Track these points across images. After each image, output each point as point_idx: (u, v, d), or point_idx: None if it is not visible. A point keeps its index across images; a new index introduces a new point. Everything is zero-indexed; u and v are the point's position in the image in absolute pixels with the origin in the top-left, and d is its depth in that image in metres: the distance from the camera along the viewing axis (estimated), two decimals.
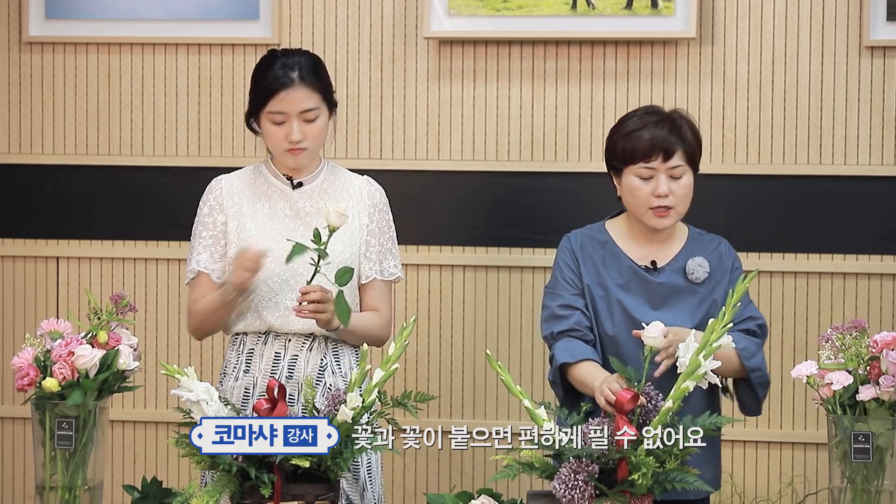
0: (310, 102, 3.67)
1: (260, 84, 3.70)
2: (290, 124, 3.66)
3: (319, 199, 3.74)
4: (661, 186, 3.55)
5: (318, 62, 3.76)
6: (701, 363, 3.10)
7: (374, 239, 3.76)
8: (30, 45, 4.83)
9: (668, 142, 3.56)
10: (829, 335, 3.25)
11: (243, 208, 3.74)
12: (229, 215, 3.74)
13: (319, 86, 3.69)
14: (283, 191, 3.75)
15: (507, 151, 4.66)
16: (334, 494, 3.16)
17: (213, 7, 4.74)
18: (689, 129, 3.60)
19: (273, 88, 3.66)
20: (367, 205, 3.77)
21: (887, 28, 4.47)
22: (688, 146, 3.58)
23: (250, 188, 3.76)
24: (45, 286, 4.86)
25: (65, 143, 4.84)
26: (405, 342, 3.20)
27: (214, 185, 3.80)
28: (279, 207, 3.74)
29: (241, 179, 3.80)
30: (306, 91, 3.66)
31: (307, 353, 3.69)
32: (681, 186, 3.58)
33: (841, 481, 3.18)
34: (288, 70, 3.67)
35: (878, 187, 4.51)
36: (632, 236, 3.65)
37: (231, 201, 3.75)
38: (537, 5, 4.57)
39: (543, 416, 3.16)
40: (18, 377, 3.27)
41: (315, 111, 3.68)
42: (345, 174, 3.82)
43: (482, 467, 4.66)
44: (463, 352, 4.70)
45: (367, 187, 3.80)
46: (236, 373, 3.73)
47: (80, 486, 3.27)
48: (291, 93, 3.65)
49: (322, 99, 3.69)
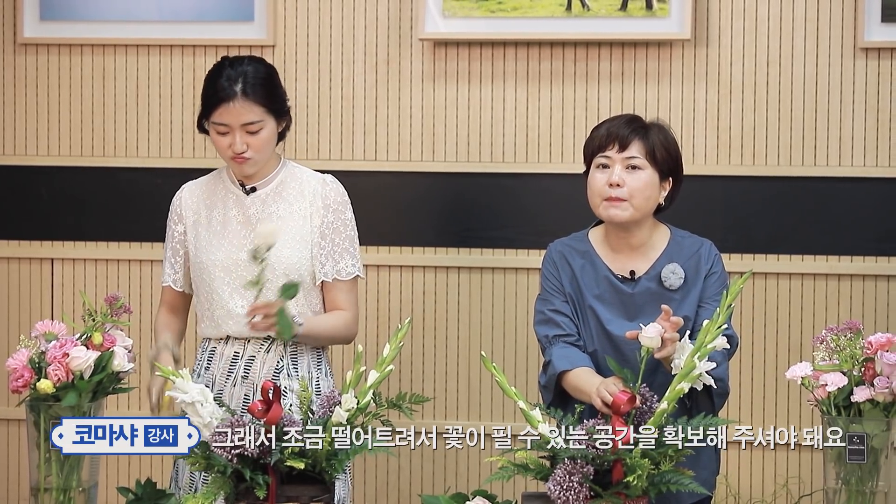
0: (251, 116, 3.69)
1: (206, 93, 3.74)
2: (233, 135, 3.69)
3: (272, 204, 3.77)
4: (614, 175, 3.56)
5: (267, 73, 3.76)
6: (696, 365, 3.10)
7: (325, 241, 3.77)
8: (24, 47, 4.83)
9: (623, 132, 3.58)
10: (824, 336, 3.25)
11: (201, 217, 3.82)
12: (188, 225, 3.83)
13: (264, 99, 3.70)
14: (237, 197, 3.80)
15: (501, 153, 4.66)
16: (329, 496, 3.16)
17: (208, 8, 4.74)
18: (659, 133, 3.61)
19: (215, 100, 3.70)
20: (319, 206, 3.78)
21: (881, 30, 4.47)
22: (650, 144, 3.58)
23: (210, 195, 3.83)
24: (39, 288, 4.86)
25: (59, 145, 4.84)
26: (400, 344, 3.20)
27: (177, 196, 3.89)
28: (232, 215, 3.79)
29: (202, 186, 3.86)
30: (248, 104, 3.68)
31: (264, 354, 3.76)
32: (637, 179, 3.57)
33: (836, 483, 3.18)
34: (231, 82, 3.69)
35: (872, 189, 4.51)
36: (611, 245, 3.65)
37: (190, 210, 3.83)
38: (532, 7, 4.57)
39: (538, 418, 3.16)
40: (13, 379, 3.27)
41: (257, 124, 3.69)
42: (302, 174, 3.83)
43: (477, 469, 4.66)
44: (457, 353, 4.70)
45: (321, 188, 3.80)
46: (199, 370, 3.83)
47: (75, 488, 3.27)
48: (233, 106, 3.68)
49: (266, 111, 3.70)
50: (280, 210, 3.76)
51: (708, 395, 3.46)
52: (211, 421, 3.13)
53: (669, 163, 3.60)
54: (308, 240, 3.77)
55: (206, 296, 3.79)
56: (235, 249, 3.75)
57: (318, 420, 3.18)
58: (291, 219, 3.76)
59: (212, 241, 3.77)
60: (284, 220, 3.75)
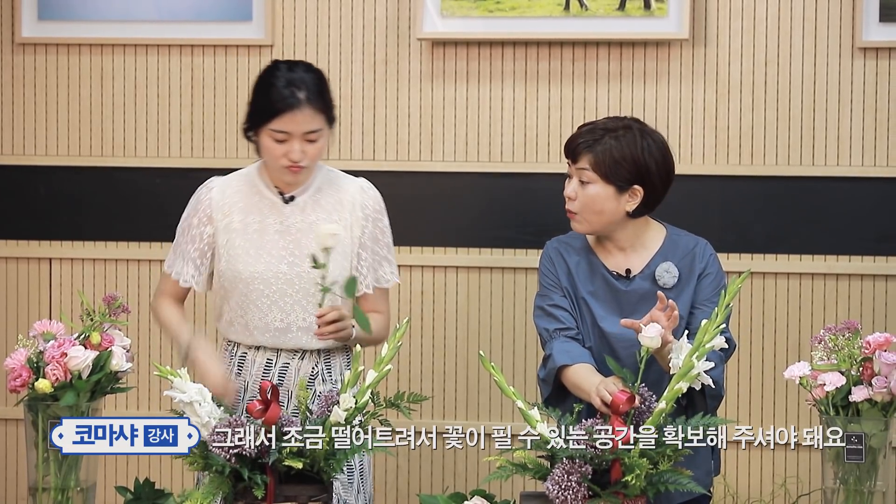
0: (315, 124, 3.61)
1: (263, 100, 3.63)
2: (292, 144, 3.60)
3: (311, 213, 3.70)
4: (568, 188, 3.62)
5: (324, 79, 3.70)
6: (694, 364, 3.10)
7: (365, 252, 3.73)
8: (22, 47, 4.83)
9: (572, 144, 3.60)
10: (822, 336, 3.25)
11: (234, 221, 3.71)
12: (218, 228, 3.72)
13: (324, 107, 3.64)
14: (274, 204, 3.71)
15: (500, 152, 4.66)
16: (327, 496, 3.16)
17: (206, 8, 4.74)
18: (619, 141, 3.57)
19: (279, 108, 3.59)
20: (359, 217, 3.73)
21: (880, 29, 4.47)
22: (599, 157, 3.56)
23: (243, 198, 3.73)
24: (37, 287, 4.86)
25: (57, 145, 4.84)
26: (398, 343, 3.20)
27: (204, 194, 3.76)
28: (269, 223, 3.70)
29: (234, 188, 3.75)
30: (312, 113, 3.61)
31: (298, 361, 3.70)
32: (585, 195, 3.60)
33: (834, 482, 3.18)
34: (295, 90, 3.60)
35: (871, 188, 4.51)
36: (605, 245, 3.67)
37: (221, 213, 3.72)
38: (530, 6, 4.57)
39: (537, 417, 3.16)
40: (11, 378, 3.27)
41: (318, 132, 3.62)
42: (339, 181, 3.77)
43: (475, 468, 4.66)
44: (456, 353, 4.70)
45: (360, 197, 3.75)
46: (229, 373, 3.73)
47: (73, 488, 3.27)
48: (298, 114, 3.59)
49: (325, 119, 3.64)
50: (319, 220, 3.69)
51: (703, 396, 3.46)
52: (209, 420, 3.13)
53: (627, 172, 3.57)
54: (348, 251, 3.71)
55: (240, 305, 3.71)
56: (275, 261, 3.67)
57: (317, 420, 3.17)
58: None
59: (249, 251, 3.68)
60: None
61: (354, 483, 3.69)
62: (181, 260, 3.75)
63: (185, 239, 3.75)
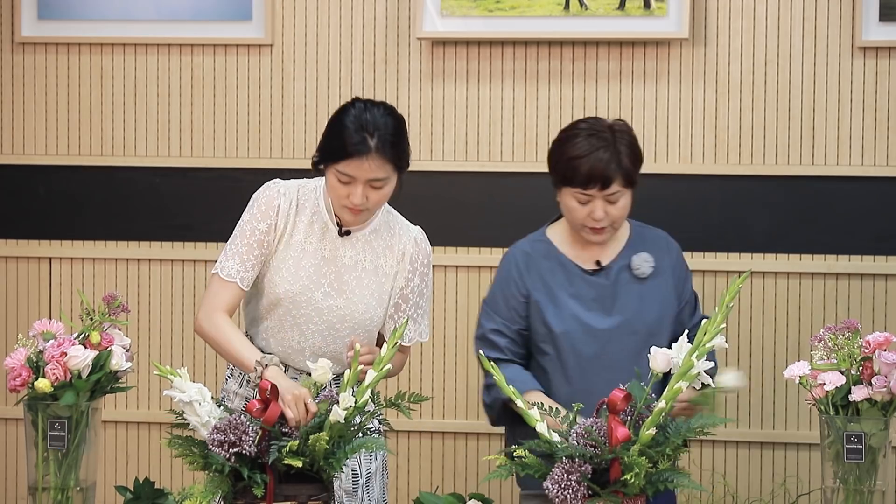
0: (381, 173, 3.50)
1: (334, 140, 3.52)
2: (356, 187, 3.50)
3: (361, 252, 3.64)
4: (597, 212, 3.65)
5: (400, 127, 3.56)
6: (693, 363, 3.10)
7: (407, 304, 3.68)
8: (22, 46, 4.83)
9: (606, 173, 3.61)
10: (822, 336, 3.25)
11: (294, 237, 3.63)
12: (278, 236, 3.62)
13: (394, 156, 3.51)
14: (331, 233, 3.63)
15: (499, 152, 4.66)
16: (327, 495, 3.16)
17: (206, 8, 4.74)
18: (629, 150, 3.65)
19: (346, 153, 3.48)
20: (406, 268, 3.67)
21: (880, 29, 4.47)
22: (625, 171, 3.62)
23: (308, 217, 3.63)
24: (37, 287, 4.86)
25: (57, 144, 4.84)
26: (397, 343, 3.20)
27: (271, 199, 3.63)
28: (321, 247, 3.62)
29: (300, 201, 3.64)
30: (380, 161, 3.48)
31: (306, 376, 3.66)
32: (617, 209, 3.66)
33: (833, 482, 3.18)
34: (367, 136, 3.47)
35: (870, 188, 4.51)
36: (574, 240, 3.75)
37: (284, 224, 3.62)
38: (530, 6, 4.57)
39: (536, 417, 3.16)
40: (11, 378, 3.27)
41: (383, 181, 3.52)
42: (397, 226, 3.70)
43: (475, 468, 4.66)
44: (455, 352, 4.70)
45: (411, 249, 3.68)
46: (241, 379, 3.72)
47: (73, 487, 3.27)
48: (365, 162, 3.47)
49: (394, 168, 3.53)
50: (366, 261, 3.64)
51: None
52: (209, 420, 3.13)
53: (637, 174, 3.68)
54: (386, 298, 3.66)
55: (266, 311, 3.65)
56: (313, 287, 3.60)
57: (317, 419, 3.17)
58: (374, 273, 3.65)
59: (292, 269, 3.61)
60: (367, 273, 3.63)
61: (359, 490, 3.67)
62: (239, 262, 3.60)
63: (248, 242, 3.61)
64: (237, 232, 3.63)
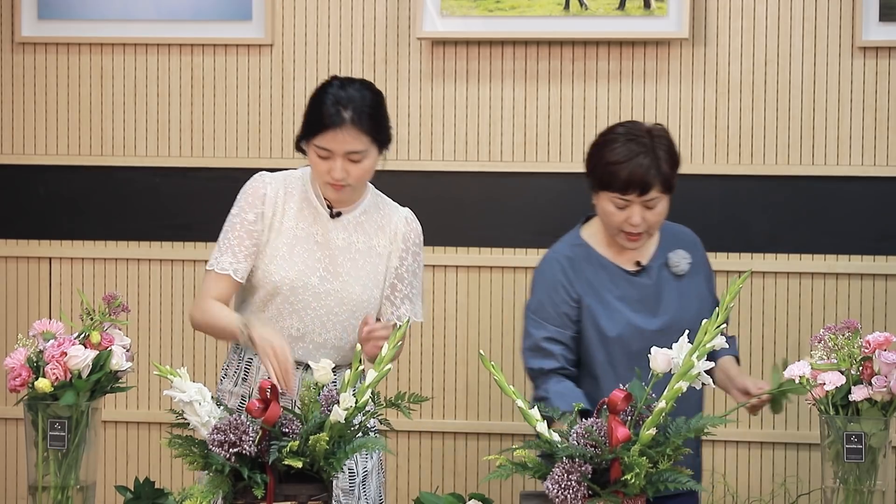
0: (357, 145, 3.55)
1: (312, 115, 3.59)
2: (335, 161, 3.56)
3: (353, 233, 3.67)
4: (635, 217, 3.62)
5: (377, 100, 3.62)
6: (694, 363, 3.10)
7: (402, 283, 3.71)
8: (22, 46, 4.83)
9: (645, 179, 3.58)
10: (822, 335, 3.25)
11: (283, 225, 3.67)
12: (267, 225, 3.66)
13: (371, 128, 3.56)
14: (321, 215, 3.67)
15: (499, 152, 4.66)
16: (327, 495, 3.16)
17: (206, 7, 4.74)
18: (667, 155, 3.63)
19: (322, 126, 3.54)
20: (399, 248, 3.71)
21: (880, 29, 4.47)
22: (664, 177, 3.60)
23: (296, 203, 3.67)
24: (37, 287, 4.86)
25: (57, 144, 4.84)
26: (398, 343, 3.19)
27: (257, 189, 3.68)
28: (313, 231, 3.66)
29: (287, 189, 3.69)
30: (355, 133, 3.54)
31: (301, 372, 3.69)
32: (655, 214, 3.64)
33: (833, 482, 3.18)
34: (340, 108, 3.53)
35: (870, 188, 4.51)
36: (610, 241, 3.74)
37: (272, 212, 3.66)
38: (530, 6, 4.57)
39: (537, 417, 3.16)
40: (11, 378, 3.26)
41: (361, 153, 3.56)
42: (386, 206, 3.74)
43: (475, 468, 4.65)
44: (456, 352, 4.70)
45: (403, 228, 3.72)
46: (236, 378, 3.73)
47: (73, 487, 3.26)
48: (340, 133, 3.53)
49: (372, 141, 3.57)
50: (359, 242, 3.67)
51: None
52: (209, 420, 3.13)
53: (675, 179, 3.65)
54: (381, 279, 3.69)
55: (263, 302, 3.67)
56: (308, 272, 3.64)
57: (317, 419, 3.17)
58: (369, 254, 3.68)
59: (286, 256, 3.64)
60: (361, 254, 3.67)
61: (356, 489, 3.68)
62: (231, 255, 3.64)
63: (238, 234, 3.65)
64: (227, 227, 3.67)
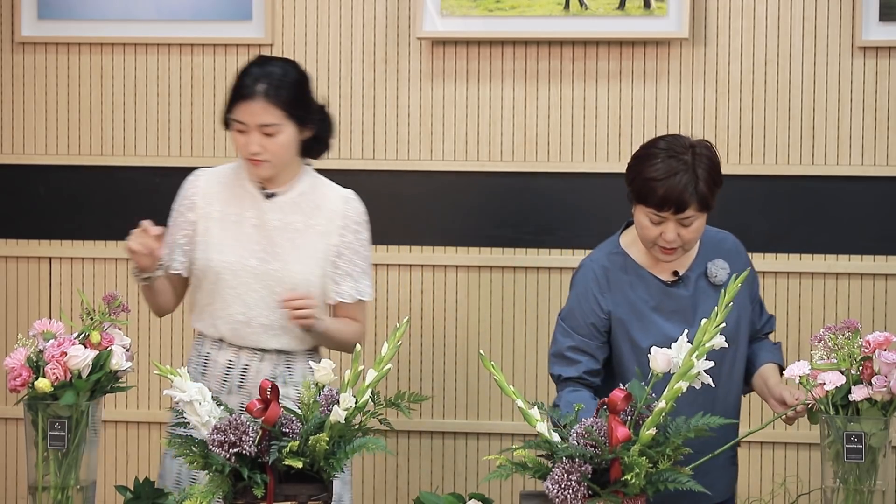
0: (268, 118, 3.62)
1: (232, 88, 3.69)
2: (251, 135, 3.64)
3: (290, 213, 3.72)
4: (669, 234, 3.55)
5: (297, 78, 3.70)
6: (693, 363, 3.10)
7: (342, 261, 3.75)
8: (22, 46, 4.83)
9: (682, 198, 3.51)
10: (822, 335, 3.25)
11: (213, 210, 3.75)
12: (199, 215, 3.76)
13: (285, 103, 3.63)
14: (255, 198, 3.74)
15: (499, 152, 4.66)
16: (327, 495, 3.16)
17: (206, 7, 4.74)
18: (707, 174, 3.54)
19: (237, 97, 3.65)
20: (338, 225, 3.74)
21: (880, 28, 4.47)
22: (701, 197, 3.52)
23: (226, 189, 3.76)
24: (37, 286, 4.86)
25: (57, 144, 4.84)
26: (398, 343, 3.19)
27: (191, 182, 3.81)
28: (247, 216, 3.73)
29: (219, 178, 3.79)
30: (267, 106, 3.62)
31: (258, 363, 3.72)
32: (690, 231, 3.57)
33: (833, 481, 3.18)
34: (255, 81, 3.63)
35: (871, 188, 4.51)
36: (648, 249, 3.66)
37: (205, 201, 3.76)
38: (530, 6, 4.57)
39: (536, 416, 3.16)
40: (11, 378, 3.26)
41: (274, 127, 3.63)
42: (324, 187, 3.78)
43: (475, 468, 4.65)
44: (456, 352, 4.70)
45: (341, 206, 3.76)
46: (195, 374, 3.77)
47: (73, 487, 3.26)
48: (252, 105, 3.62)
49: (286, 116, 3.64)
50: (297, 222, 3.72)
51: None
52: (209, 420, 3.13)
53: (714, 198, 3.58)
54: (322, 257, 3.73)
55: (209, 294, 3.75)
56: (247, 255, 3.70)
57: (317, 419, 3.17)
58: (307, 233, 3.72)
59: (223, 241, 3.72)
60: (300, 233, 3.72)
61: None
62: (169, 249, 3.76)
63: (174, 228, 3.78)
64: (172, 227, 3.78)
